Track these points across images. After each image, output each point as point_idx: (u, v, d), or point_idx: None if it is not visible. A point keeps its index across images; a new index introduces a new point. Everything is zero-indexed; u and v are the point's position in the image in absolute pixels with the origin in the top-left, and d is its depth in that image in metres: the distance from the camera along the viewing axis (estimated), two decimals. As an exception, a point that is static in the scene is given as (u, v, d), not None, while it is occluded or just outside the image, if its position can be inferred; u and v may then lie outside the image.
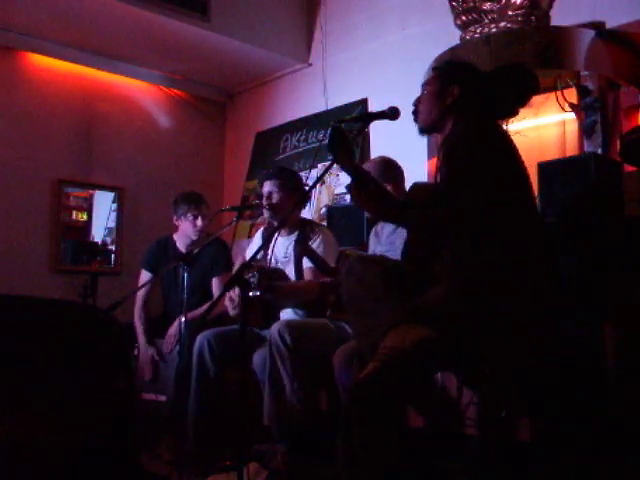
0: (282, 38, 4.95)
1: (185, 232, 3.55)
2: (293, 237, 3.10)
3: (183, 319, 2.71)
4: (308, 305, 3.02)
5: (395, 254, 2.47)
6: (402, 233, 2.69)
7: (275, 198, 3.06)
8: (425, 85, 2.16)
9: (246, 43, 4.71)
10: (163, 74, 5.24)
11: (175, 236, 3.63)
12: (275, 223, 3.15)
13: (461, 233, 1.85)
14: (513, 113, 2.14)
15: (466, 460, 2.08)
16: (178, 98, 5.45)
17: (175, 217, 3.56)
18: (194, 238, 3.52)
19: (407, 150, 3.22)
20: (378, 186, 1.97)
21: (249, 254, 3.25)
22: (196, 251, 3.05)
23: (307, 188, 3.13)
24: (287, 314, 3.09)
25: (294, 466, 2.61)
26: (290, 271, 3.08)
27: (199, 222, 3.49)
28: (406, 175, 2.96)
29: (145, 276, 3.62)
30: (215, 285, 3.50)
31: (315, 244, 3.00)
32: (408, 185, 2.89)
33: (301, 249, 2.90)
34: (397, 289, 1.91)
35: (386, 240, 2.85)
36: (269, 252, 3.07)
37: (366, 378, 1.72)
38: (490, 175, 1.84)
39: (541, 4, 3.29)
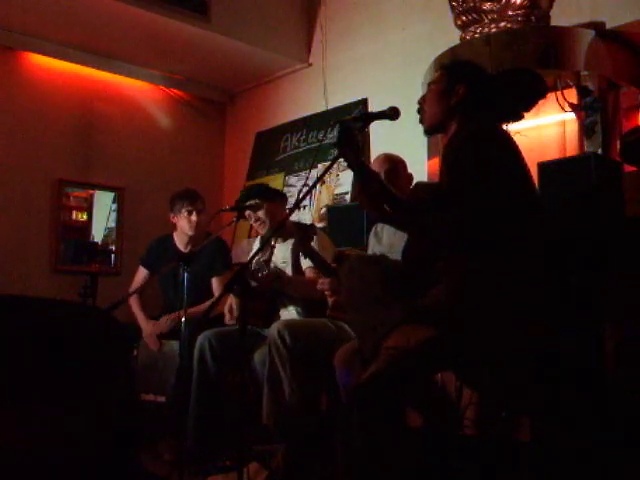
0: (282, 38, 4.94)
1: (181, 228, 3.56)
2: (289, 243, 3.10)
3: (183, 319, 2.71)
4: (309, 304, 3.02)
5: (395, 256, 2.46)
6: (402, 235, 2.69)
7: (267, 223, 3.09)
8: (431, 84, 2.15)
9: (246, 43, 4.71)
10: (163, 74, 5.24)
11: (174, 234, 3.65)
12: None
13: (464, 237, 1.85)
14: (518, 117, 2.14)
15: (466, 460, 2.08)
16: (178, 98, 5.45)
17: (172, 214, 3.58)
18: (190, 234, 3.53)
19: (407, 150, 3.21)
20: (383, 186, 1.97)
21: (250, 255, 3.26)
22: (195, 250, 3.06)
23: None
24: (288, 314, 3.09)
25: (294, 466, 2.61)
26: (288, 272, 3.08)
27: (194, 217, 3.51)
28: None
29: (141, 273, 3.64)
30: (215, 285, 3.50)
31: None
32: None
33: (302, 248, 2.90)
34: (397, 289, 1.91)
35: (387, 241, 2.85)
36: (268, 257, 3.08)
37: (370, 378, 1.72)
38: (493, 178, 1.83)
39: (541, 4, 3.29)
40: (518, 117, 2.14)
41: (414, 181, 2.93)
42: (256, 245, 3.41)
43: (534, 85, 2.10)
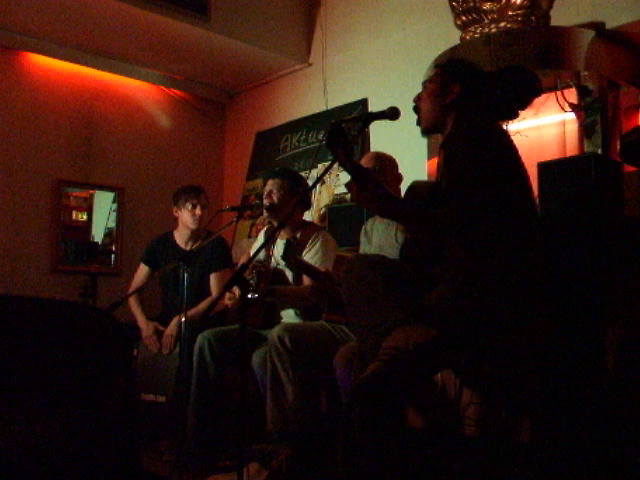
0: (282, 38, 4.94)
1: (184, 222, 3.57)
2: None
3: (183, 319, 2.71)
4: (305, 309, 3.02)
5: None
6: (390, 236, 2.69)
7: (274, 197, 3.06)
8: (426, 82, 2.16)
9: (246, 43, 4.71)
10: (163, 74, 5.24)
11: (175, 232, 3.65)
12: (275, 223, 3.16)
13: (462, 233, 1.85)
14: (514, 115, 2.14)
15: (466, 460, 2.08)
16: (178, 98, 5.45)
17: (175, 208, 3.60)
18: (193, 227, 3.54)
19: (407, 150, 3.22)
20: (377, 184, 1.97)
21: (252, 254, 3.25)
22: (196, 249, 3.06)
23: (307, 189, 3.12)
24: (288, 315, 3.09)
25: (298, 469, 2.61)
26: (289, 273, 3.07)
27: (198, 211, 3.53)
28: (406, 175, 2.96)
29: (142, 270, 3.64)
30: (213, 281, 3.50)
31: (314, 250, 2.99)
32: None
33: (288, 262, 2.89)
34: (397, 289, 1.90)
35: (376, 242, 2.84)
36: (270, 253, 3.07)
37: (368, 378, 1.72)
38: (491, 175, 1.84)
39: (541, 4, 3.29)
40: (514, 115, 2.14)
41: (403, 181, 2.92)
42: (260, 240, 3.39)
43: (530, 83, 2.10)
